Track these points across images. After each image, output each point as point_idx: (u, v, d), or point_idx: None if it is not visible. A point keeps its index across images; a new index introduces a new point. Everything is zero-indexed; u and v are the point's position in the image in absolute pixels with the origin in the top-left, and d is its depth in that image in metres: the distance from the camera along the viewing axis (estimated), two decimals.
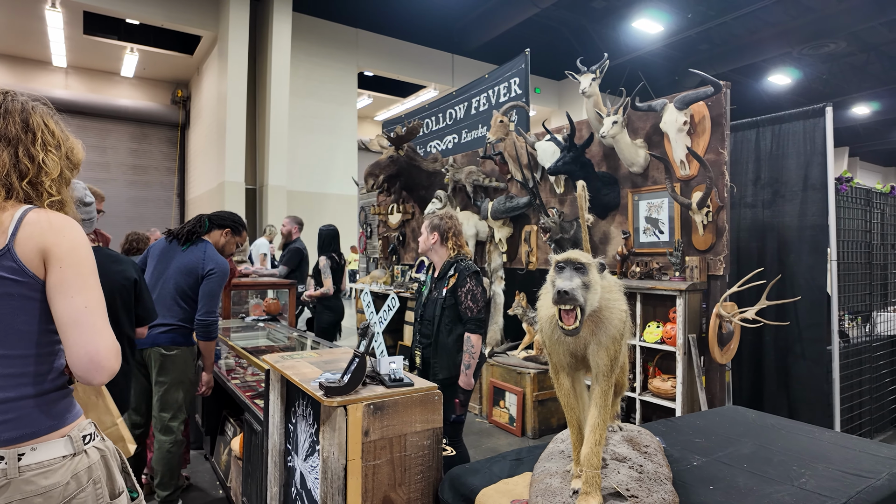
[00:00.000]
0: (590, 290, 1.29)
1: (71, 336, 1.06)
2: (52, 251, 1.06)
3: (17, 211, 1.06)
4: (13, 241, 1.03)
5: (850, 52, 15.60)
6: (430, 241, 2.81)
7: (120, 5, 10.66)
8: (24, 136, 1.11)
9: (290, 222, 5.09)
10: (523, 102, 5.28)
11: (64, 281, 1.06)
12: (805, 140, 3.58)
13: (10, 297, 1.04)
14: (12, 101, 1.13)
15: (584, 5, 13.66)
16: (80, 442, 1.11)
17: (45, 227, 1.06)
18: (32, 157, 1.10)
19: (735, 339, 3.35)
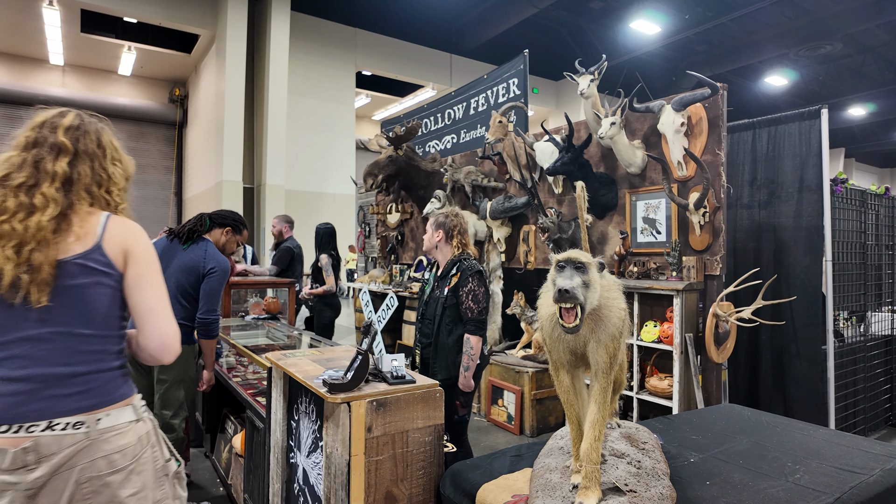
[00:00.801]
0: (590, 288, 1.32)
1: (147, 322, 1.27)
2: (132, 251, 1.27)
3: (101, 216, 1.27)
4: (102, 241, 1.24)
5: (847, 53, 15.69)
6: (435, 238, 2.80)
7: (118, 3, 10.65)
8: (98, 151, 1.32)
9: (279, 222, 5.08)
10: (522, 103, 5.31)
11: (141, 276, 1.28)
12: (801, 142, 3.62)
13: (99, 286, 1.23)
14: (88, 121, 1.34)
15: (581, 6, 13.71)
16: (140, 410, 1.29)
17: (125, 231, 1.29)
18: (105, 169, 1.31)
19: (731, 338, 3.39)
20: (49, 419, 1.15)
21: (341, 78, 13.37)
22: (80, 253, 1.21)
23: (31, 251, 1.16)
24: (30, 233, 1.17)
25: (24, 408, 1.15)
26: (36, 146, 1.26)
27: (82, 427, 1.17)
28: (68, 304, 1.20)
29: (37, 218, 1.19)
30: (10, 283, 1.15)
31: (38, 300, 1.16)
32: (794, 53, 14.75)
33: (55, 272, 1.18)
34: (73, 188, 1.25)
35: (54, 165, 1.24)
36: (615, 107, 3.67)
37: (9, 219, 1.18)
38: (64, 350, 1.19)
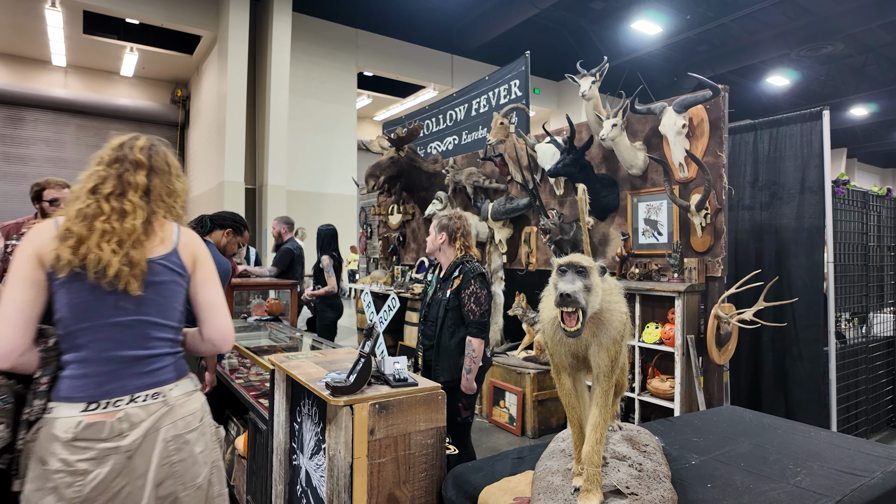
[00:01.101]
0: (591, 292, 1.32)
1: (212, 316, 1.52)
2: (198, 257, 1.53)
3: (174, 225, 1.51)
4: (178, 247, 1.49)
5: (848, 53, 15.67)
6: (439, 240, 2.81)
7: (120, 5, 10.67)
8: (167, 168, 1.54)
9: (278, 223, 5.10)
10: (523, 105, 5.31)
11: (206, 278, 1.53)
12: (802, 143, 3.62)
13: (174, 284, 1.47)
14: (157, 143, 1.56)
15: (583, 6, 13.71)
16: (196, 382, 1.55)
17: (193, 240, 1.54)
18: (172, 184, 1.54)
19: (733, 340, 3.39)
20: (131, 394, 1.37)
21: (343, 79, 13.39)
22: (164, 255, 1.45)
23: (130, 248, 1.39)
24: (127, 232, 1.40)
25: (109, 385, 1.36)
26: (117, 162, 1.48)
27: (159, 397, 1.41)
28: (151, 297, 1.42)
29: (130, 221, 1.41)
30: (114, 274, 1.36)
31: (134, 290, 1.38)
32: (796, 54, 14.73)
33: (147, 269, 1.41)
34: (151, 198, 1.48)
35: (135, 177, 1.47)
36: (616, 108, 3.67)
37: (106, 220, 1.39)
38: (142, 336, 1.41)
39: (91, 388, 1.34)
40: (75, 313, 1.36)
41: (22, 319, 1.33)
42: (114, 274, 1.35)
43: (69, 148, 14.37)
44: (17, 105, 13.60)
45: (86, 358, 1.36)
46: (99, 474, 1.31)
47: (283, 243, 5.00)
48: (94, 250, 1.35)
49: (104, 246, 1.36)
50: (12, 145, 13.72)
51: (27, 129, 13.86)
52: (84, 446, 1.31)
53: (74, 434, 1.30)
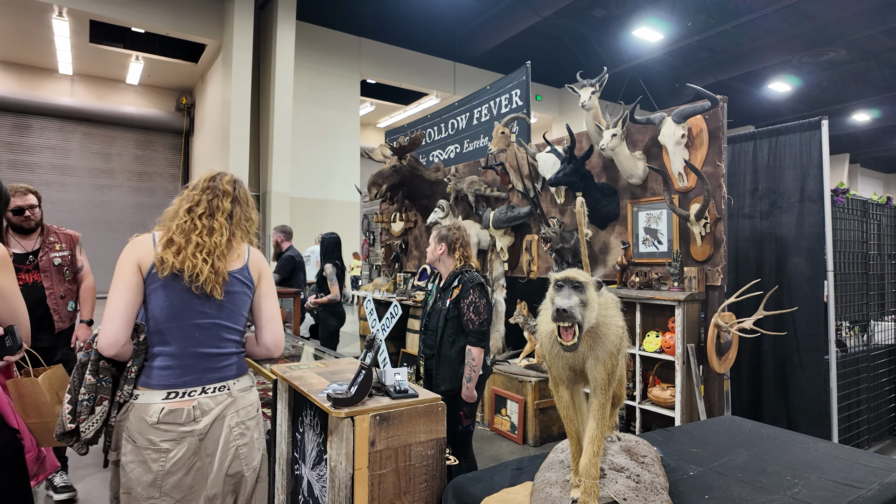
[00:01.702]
0: (587, 307, 1.35)
1: (269, 324, 1.79)
2: (263, 273, 1.80)
3: (245, 245, 1.80)
4: (248, 263, 1.76)
5: (850, 59, 15.69)
6: (438, 251, 2.86)
7: (126, 14, 10.79)
8: (246, 201, 1.86)
9: (276, 232, 5.18)
10: (524, 114, 5.35)
11: (267, 292, 1.80)
12: (801, 152, 3.64)
13: (244, 294, 1.74)
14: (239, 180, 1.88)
15: (584, 14, 13.79)
16: (253, 379, 1.82)
17: (260, 259, 1.82)
18: (249, 214, 1.85)
19: (733, 348, 3.40)
20: (203, 385, 1.63)
21: (346, 86, 13.47)
22: (238, 269, 1.73)
23: (216, 260, 1.66)
24: (214, 246, 1.68)
25: (186, 377, 1.62)
26: (209, 190, 1.78)
27: (226, 389, 1.67)
28: (226, 304, 1.68)
29: (217, 237, 1.70)
30: (204, 280, 1.61)
31: (218, 295, 1.65)
32: (797, 60, 14.76)
33: (226, 278, 1.68)
34: (233, 221, 1.78)
35: (222, 203, 1.77)
36: (616, 119, 3.70)
37: (199, 234, 1.68)
38: (217, 337, 1.67)
39: (173, 378, 1.61)
40: (167, 313, 1.63)
41: (126, 316, 1.60)
42: (204, 280, 1.61)
43: (74, 155, 14.49)
44: (24, 113, 13.73)
45: (171, 352, 1.63)
46: (178, 452, 1.58)
47: (283, 252, 5.06)
48: (189, 258, 1.62)
49: (198, 255, 1.63)
50: (19, 152, 13.84)
51: (34, 136, 13.98)
52: (166, 429, 1.58)
53: (159, 418, 1.57)
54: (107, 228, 14.59)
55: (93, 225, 14.47)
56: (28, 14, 10.83)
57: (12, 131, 13.73)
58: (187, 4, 11.49)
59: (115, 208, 14.90)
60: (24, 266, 2.92)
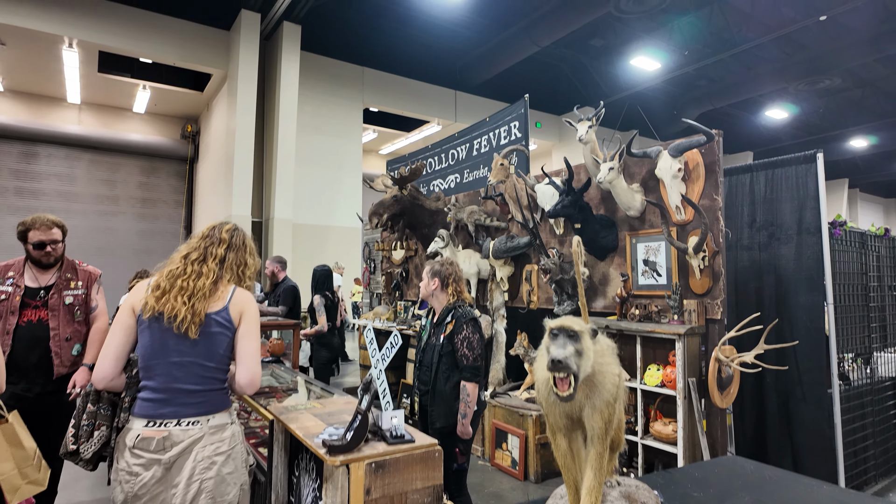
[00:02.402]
0: (583, 356, 1.35)
1: (246, 363, 1.86)
2: (245, 313, 1.89)
3: (232, 287, 1.93)
4: (229, 305, 1.88)
5: (846, 87, 15.89)
6: (431, 286, 2.88)
7: (135, 45, 11.04)
8: (243, 247, 2.03)
9: (271, 263, 5.22)
10: (523, 146, 5.41)
11: (247, 331, 1.88)
12: (798, 185, 3.67)
13: (222, 335, 1.84)
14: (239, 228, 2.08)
15: (582, 44, 14.05)
16: (233, 416, 1.92)
17: (244, 300, 1.91)
18: (245, 258, 2.01)
19: (735, 382, 3.37)
20: (178, 419, 1.77)
21: (349, 115, 13.67)
22: (217, 311, 1.85)
23: (195, 302, 1.80)
24: (197, 290, 1.82)
25: (163, 409, 1.77)
26: (207, 238, 1.99)
27: (198, 424, 1.78)
28: (203, 343, 1.81)
29: (202, 281, 1.85)
30: (181, 321, 1.77)
31: (193, 334, 1.78)
32: (794, 88, 14.97)
33: (204, 320, 1.81)
34: (224, 266, 1.94)
35: (217, 250, 1.95)
36: (613, 152, 3.75)
37: (186, 279, 1.85)
38: (193, 374, 1.80)
39: (152, 409, 1.77)
40: (150, 351, 1.80)
41: (116, 354, 1.83)
42: (180, 320, 1.77)
43: (80, 182, 14.64)
44: (32, 141, 13.93)
45: (154, 386, 1.79)
46: (144, 477, 1.72)
47: (280, 282, 5.09)
48: (171, 301, 1.79)
49: (179, 299, 1.80)
50: (25, 180, 14.00)
51: (40, 164, 14.16)
52: (138, 454, 1.74)
53: (134, 443, 1.74)
54: (110, 255, 14.66)
55: (96, 251, 14.53)
56: (40, 46, 11.09)
57: (19, 159, 13.92)
58: (194, 35, 11.76)
59: (119, 235, 14.99)
60: (33, 302, 2.76)
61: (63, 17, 10.33)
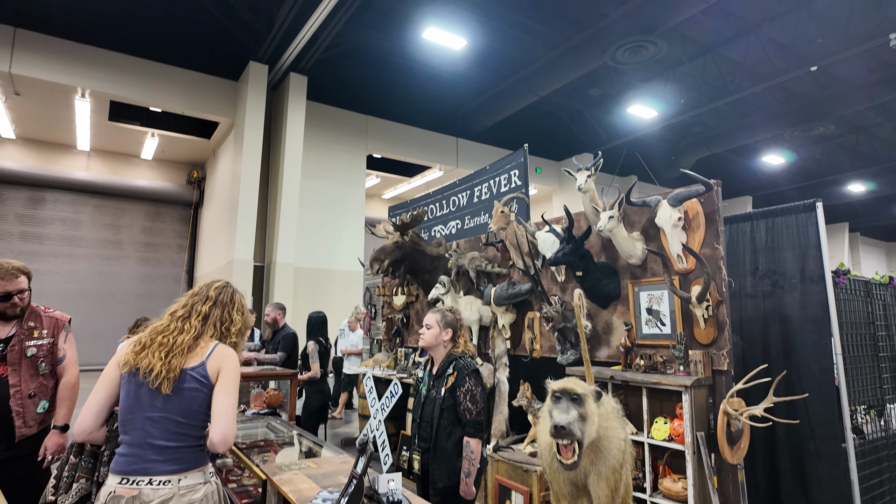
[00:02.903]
0: (587, 421, 1.30)
1: (219, 420, 1.83)
2: (223, 369, 1.88)
3: (213, 343, 1.94)
4: (207, 360, 1.88)
5: (840, 133, 16.19)
6: (444, 336, 2.77)
7: (145, 95, 11.38)
8: (230, 303, 2.05)
9: (273, 310, 5.22)
10: (523, 193, 5.46)
11: (224, 387, 1.87)
12: (798, 233, 3.66)
13: (197, 391, 1.84)
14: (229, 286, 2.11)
15: (580, 93, 14.43)
16: (208, 475, 1.89)
17: (223, 356, 1.92)
18: (230, 315, 2.03)
19: (745, 437, 3.26)
20: (150, 476, 1.75)
21: (353, 161, 13.92)
22: (194, 366, 1.85)
23: (172, 358, 1.82)
24: (175, 346, 1.85)
25: (134, 466, 1.76)
26: (196, 295, 2.05)
27: (169, 484, 1.76)
28: (178, 398, 1.81)
29: (182, 337, 1.88)
30: (155, 375, 1.78)
31: (165, 390, 1.79)
32: (789, 134, 15.26)
33: (179, 375, 1.82)
34: (208, 322, 1.97)
35: (202, 307, 1.99)
36: (613, 201, 3.77)
37: (167, 335, 1.88)
38: (166, 430, 1.79)
39: (125, 465, 1.77)
40: (127, 406, 1.81)
41: (97, 408, 1.86)
42: (154, 376, 1.79)
43: (84, 227, 14.77)
44: (40, 187, 14.16)
45: (129, 441, 1.80)
46: None
47: (280, 329, 5.05)
48: (148, 356, 1.83)
49: (156, 354, 1.83)
50: (30, 225, 14.14)
51: (46, 209, 14.33)
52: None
53: (105, 501, 1.74)
54: (111, 299, 14.63)
55: (97, 296, 14.52)
56: (53, 96, 11.43)
57: (26, 204, 14.10)
58: (203, 85, 12.13)
59: (120, 279, 15.00)
60: None
61: (78, 69, 10.70)
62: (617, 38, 10.50)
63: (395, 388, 5.08)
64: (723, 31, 11.79)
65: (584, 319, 3.86)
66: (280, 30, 10.83)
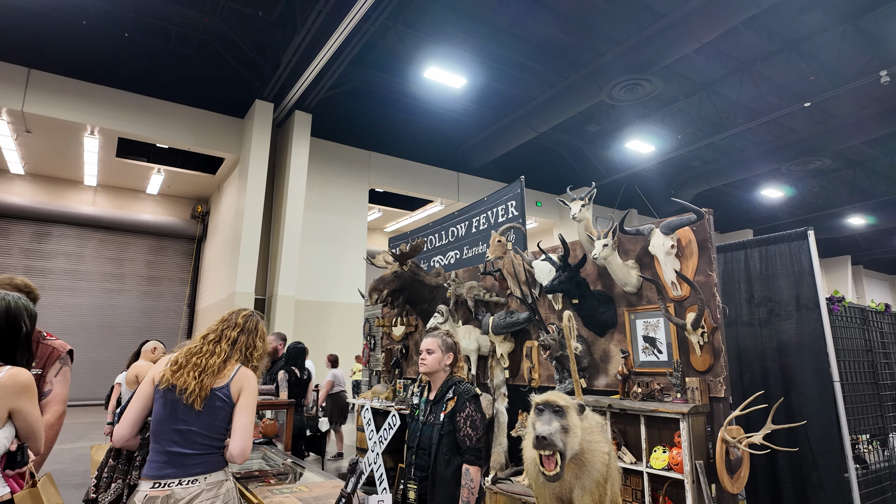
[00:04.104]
0: (569, 433, 1.32)
1: (238, 435, 2.08)
2: (244, 390, 2.13)
3: (237, 366, 2.18)
4: (231, 382, 2.12)
5: (837, 167, 16.40)
6: (446, 360, 2.71)
7: (153, 132, 11.68)
8: (255, 331, 2.31)
9: (274, 340, 5.31)
10: (519, 223, 5.54)
11: (243, 406, 2.12)
12: (792, 261, 3.70)
13: (222, 409, 2.09)
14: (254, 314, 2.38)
15: (578, 129, 14.73)
16: (228, 473, 2.14)
17: (244, 378, 2.16)
18: (254, 342, 2.28)
19: (745, 465, 3.22)
20: (180, 478, 2.00)
21: (355, 195, 14.13)
22: (220, 387, 2.09)
23: (204, 378, 2.07)
24: (207, 367, 2.09)
25: (167, 470, 2.00)
26: (226, 321, 2.29)
27: (197, 482, 2.01)
28: (204, 414, 2.05)
29: (213, 359, 2.12)
30: (189, 393, 2.02)
31: (198, 406, 2.03)
32: (786, 168, 15.45)
33: (209, 394, 2.05)
34: (235, 347, 2.21)
35: (230, 333, 2.24)
36: (607, 230, 3.83)
37: (200, 357, 2.12)
38: (193, 441, 2.04)
39: (157, 470, 2.00)
40: (159, 418, 2.04)
41: (134, 418, 2.12)
42: (189, 393, 2.02)
43: (88, 261, 14.90)
44: (46, 221, 14.35)
45: (159, 449, 2.02)
46: None
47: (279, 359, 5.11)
48: (184, 376, 2.06)
49: (191, 374, 2.06)
50: (35, 258, 14.27)
51: (52, 243, 14.49)
52: None
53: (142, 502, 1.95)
54: (111, 332, 14.60)
55: (98, 329, 14.50)
56: (63, 133, 11.74)
57: (32, 238, 14.27)
58: (209, 123, 12.46)
59: (121, 312, 15.02)
60: None
61: (88, 107, 11.02)
62: (613, 77, 10.81)
63: (394, 421, 5.02)
64: (716, 69, 12.13)
65: (576, 341, 3.86)
66: (286, 70, 11.20)
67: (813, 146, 13.85)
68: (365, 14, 8.99)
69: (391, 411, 5.20)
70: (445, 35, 11.21)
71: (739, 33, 10.71)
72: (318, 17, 9.52)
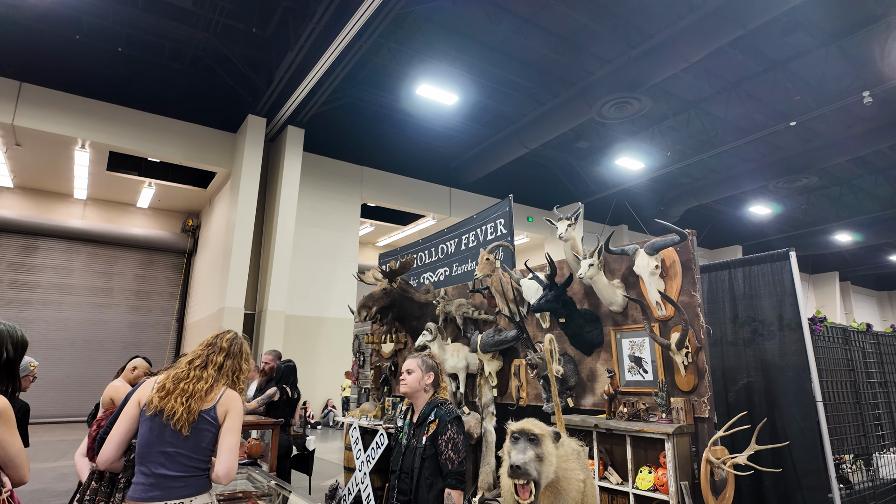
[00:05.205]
0: (544, 462, 1.33)
1: (224, 456, 2.11)
2: (230, 412, 2.18)
3: (223, 389, 2.22)
4: (217, 404, 2.16)
5: (823, 185, 16.64)
6: (427, 380, 2.73)
7: (144, 145, 11.66)
8: (240, 354, 2.34)
9: (272, 358, 5.28)
10: (508, 241, 5.57)
11: (229, 428, 2.16)
12: (775, 281, 3.75)
13: (207, 431, 2.12)
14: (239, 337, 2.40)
15: (569, 146, 14.88)
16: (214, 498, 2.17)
17: (230, 400, 2.21)
18: (240, 365, 2.32)
19: (730, 486, 3.22)
20: (165, 501, 2.00)
21: (347, 210, 14.13)
22: (206, 409, 2.13)
23: (192, 403, 2.10)
24: (195, 392, 2.12)
25: (152, 493, 2.01)
26: (211, 346, 2.31)
27: None
28: (191, 437, 2.08)
29: (201, 384, 2.15)
30: (177, 419, 2.04)
31: (185, 431, 2.06)
32: (774, 185, 15.66)
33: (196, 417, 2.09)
34: (222, 372, 2.25)
35: (216, 357, 2.27)
36: (592, 249, 3.86)
37: (187, 382, 2.15)
38: (179, 464, 2.06)
39: (142, 493, 2.01)
40: (145, 441, 2.05)
41: (119, 441, 2.12)
42: (176, 419, 2.05)
43: (77, 275, 14.75)
44: (34, 235, 14.22)
45: (144, 472, 2.03)
46: None
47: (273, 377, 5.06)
48: (172, 401, 2.08)
49: (178, 399, 2.08)
50: (22, 272, 14.11)
51: (39, 257, 14.34)
52: None
53: None
54: (98, 347, 14.42)
55: (85, 344, 14.32)
56: (53, 146, 11.70)
57: (19, 252, 14.13)
58: (201, 137, 12.47)
59: (109, 327, 14.84)
60: None
61: (79, 121, 11.01)
62: (602, 95, 10.96)
63: (381, 440, 4.99)
64: (704, 88, 12.34)
65: (558, 364, 3.87)
66: (279, 85, 11.27)
67: (800, 164, 14.07)
68: (358, 31, 9.09)
69: (379, 430, 5.16)
70: (437, 53, 11.34)
71: (726, 53, 10.92)
72: (311, 33, 9.62)
